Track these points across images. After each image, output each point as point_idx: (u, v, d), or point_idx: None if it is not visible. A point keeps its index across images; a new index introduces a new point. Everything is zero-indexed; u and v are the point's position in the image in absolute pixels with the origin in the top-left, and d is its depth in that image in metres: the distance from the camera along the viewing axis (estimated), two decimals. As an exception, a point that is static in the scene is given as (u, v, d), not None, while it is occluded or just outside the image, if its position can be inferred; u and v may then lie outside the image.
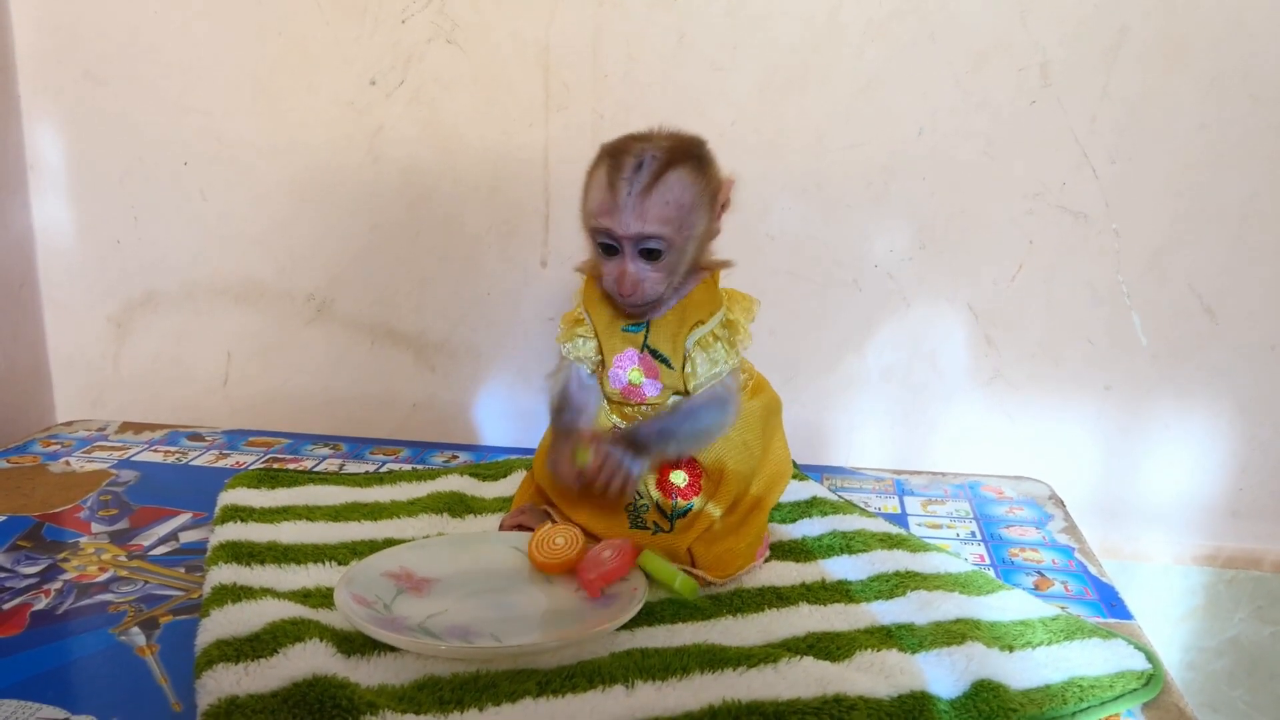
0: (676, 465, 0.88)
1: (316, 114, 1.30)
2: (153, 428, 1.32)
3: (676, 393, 0.88)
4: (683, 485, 0.88)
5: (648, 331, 0.87)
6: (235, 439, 1.28)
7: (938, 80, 1.16)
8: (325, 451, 1.24)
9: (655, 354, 0.87)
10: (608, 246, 0.83)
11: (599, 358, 0.88)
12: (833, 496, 1.05)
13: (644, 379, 0.87)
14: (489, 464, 1.15)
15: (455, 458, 1.23)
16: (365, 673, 0.71)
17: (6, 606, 0.83)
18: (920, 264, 1.22)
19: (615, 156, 0.82)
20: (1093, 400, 1.21)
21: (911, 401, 1.26)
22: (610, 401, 0.89)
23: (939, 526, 1.04)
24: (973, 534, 1.02)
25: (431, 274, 1.33)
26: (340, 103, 1.29)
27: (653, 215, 0.80)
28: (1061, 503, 1.12)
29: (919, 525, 1.04)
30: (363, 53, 1.27)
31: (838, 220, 1.22)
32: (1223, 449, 1.20)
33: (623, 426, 0.88)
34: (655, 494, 0.88)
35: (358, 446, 1.27)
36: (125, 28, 1.31)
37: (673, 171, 0.81)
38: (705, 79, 1.21)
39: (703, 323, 0.86)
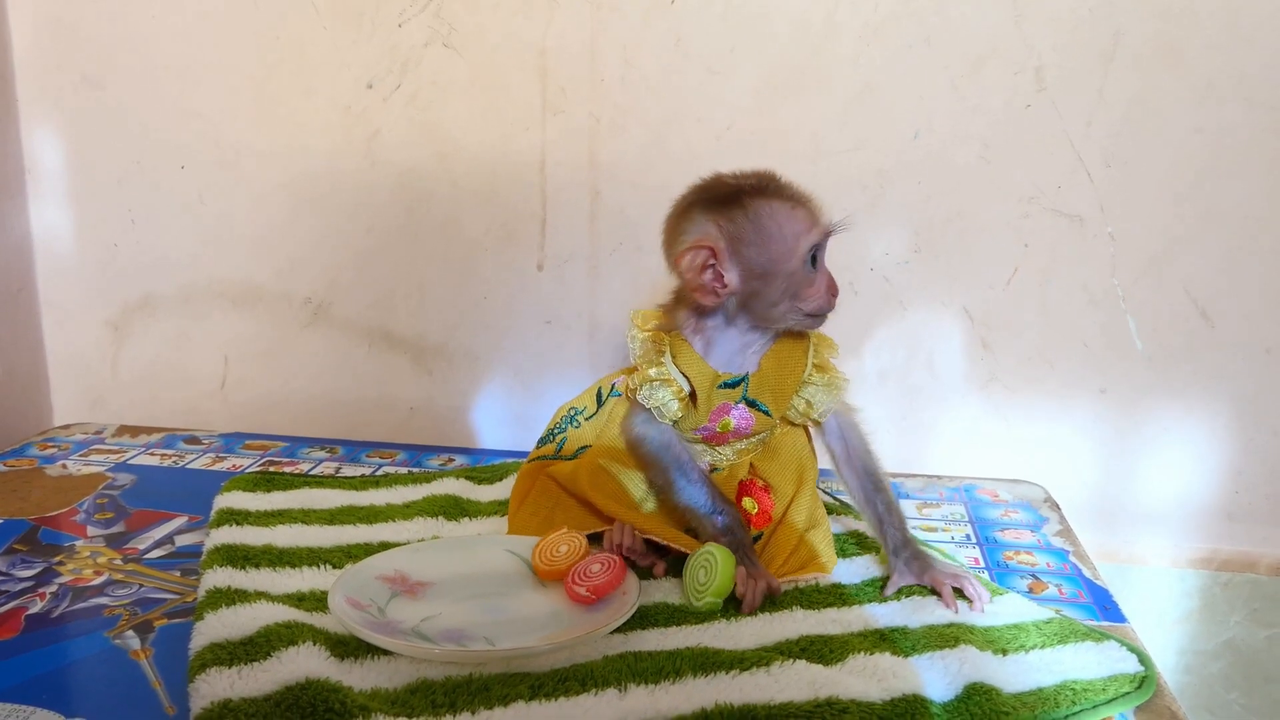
0: (749, 492, 0.89)
1: (314, 118, 1.30)
2: (149, 431, 1.33)
3: (763, 430, 0.89)
4: (754, 513, 0.88)
5: (746, 385, 0.87)
6: (232, 442, 1.29)
7: (933, 84, 1.17)
8: (322, 455, 1.25)
9: (754, 405, 0.87)
10: (814, 259, 0.83)
11: (680, 414, 0.87)
12: (828, 499, 1.06)
13: (735, 426, 0.88)
14: (485, 467, 1.15)
15: (451, 461, 1.23)
16: (358, 676, 0.71)
17: (1, 610, 0.83)
18: (916, 267, 1.22)
19: (763, 189, 0.83)
20: (1088, 403, 1.22)
21: (908, 404, 1.26)
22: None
23: (934, 529, 1.04)
24: (968, 537, 1.02)
25: (429, 277, 1.33)
26: (337, 106, 1.29)
27: None
28: (1057, 506, 1.12)
29: (914, 528, 1.03)
30: (360, 56, 1.27)
31: (834, 224, 1.22)
32: (1218, 452, 1.20)
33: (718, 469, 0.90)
34: None
35: (354, 450, 1.27)
36: (123, 31, 1.32)
37: None
38: (702, 83, 1.21)
39: (802, 369, 0.88)
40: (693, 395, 0.87)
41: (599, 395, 0.98)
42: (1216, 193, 1.14)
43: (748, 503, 0.89)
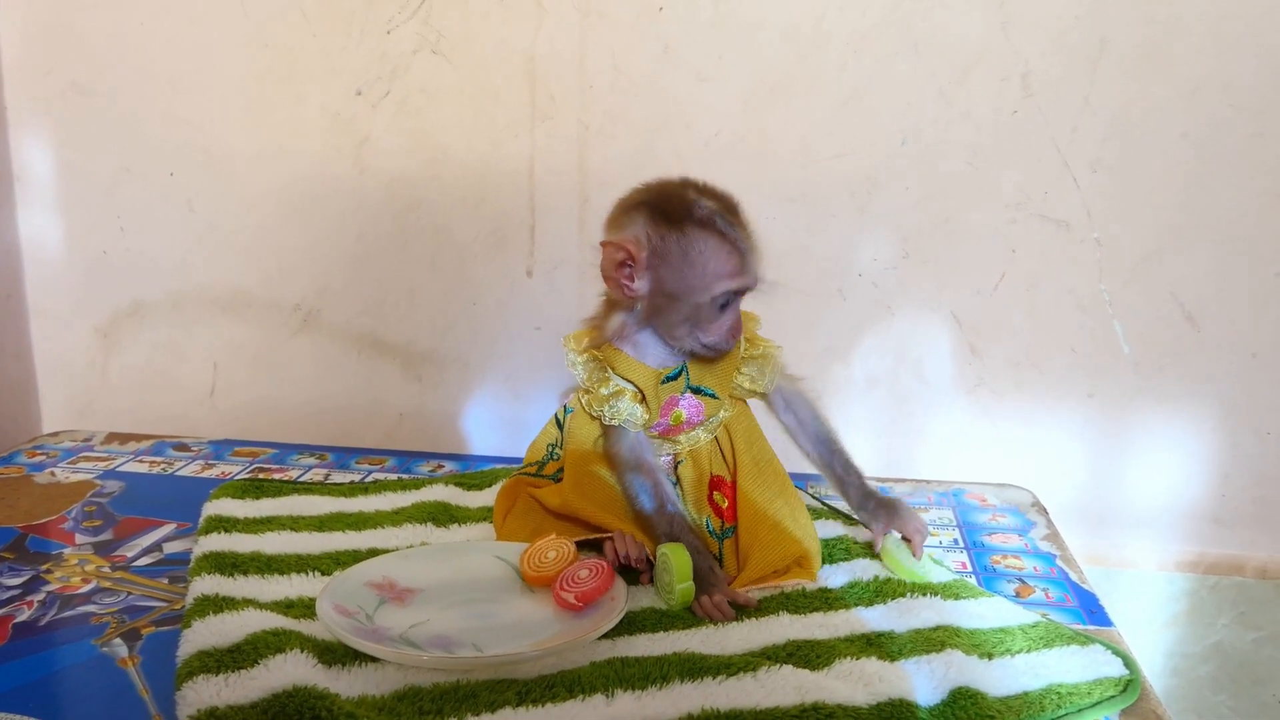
0: (718, 487, 0.89)
1: (303, 124, 1.30)
2: (138, 438, 1.32)
3: (714, 414, 0.90)
4: (725, 507, 0.89)
5: (686, 375, 0.88)
6: (221, 449, 1.28)
7: (921, 91, 1.17)
8: (311, 461, 1.24)
9: (700, 390, 0.88)
10: (727, 303, 0.84)
11: (646, 415, 0.88)
12: (816, 504, 1.06)
13: (686, 416, 0.89)
14: (474, 473, 1.15)
15: (441, 467, 1.23)
16: (346, 683, 0.71)
17: (-11, 618, 0.83)
18: (904, 273, 1.22)
19: (709, 221, 0.82)
20: (1076, 408, 1.22)
21: (896, 409, 1.26)
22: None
23: (922, 534, 1.04)
24: (956, 541, 1.03)
25: (418, 284, 1.33)
26: (327, 113, 1.29)
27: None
28: (1044, 510, 1.12)
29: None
30: (349, 63, 1.27)
31: (822, 230, 1.23)
32: (1205, 455, 1.20)
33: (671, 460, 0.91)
34: (707, 511, 0.89)
35: (344, 456, 1.27)
36: (112, 38, 1.32)
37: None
38: (691, 90, 1.21)
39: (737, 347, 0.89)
40: (642, 397, 0.88)
41: (558, 422, 0.98)
42: (1203, 197, 1.15)
43: (718, 497, 0.89)
